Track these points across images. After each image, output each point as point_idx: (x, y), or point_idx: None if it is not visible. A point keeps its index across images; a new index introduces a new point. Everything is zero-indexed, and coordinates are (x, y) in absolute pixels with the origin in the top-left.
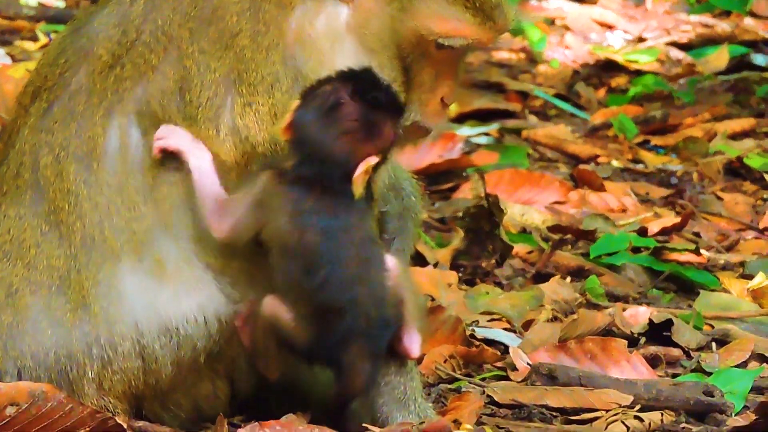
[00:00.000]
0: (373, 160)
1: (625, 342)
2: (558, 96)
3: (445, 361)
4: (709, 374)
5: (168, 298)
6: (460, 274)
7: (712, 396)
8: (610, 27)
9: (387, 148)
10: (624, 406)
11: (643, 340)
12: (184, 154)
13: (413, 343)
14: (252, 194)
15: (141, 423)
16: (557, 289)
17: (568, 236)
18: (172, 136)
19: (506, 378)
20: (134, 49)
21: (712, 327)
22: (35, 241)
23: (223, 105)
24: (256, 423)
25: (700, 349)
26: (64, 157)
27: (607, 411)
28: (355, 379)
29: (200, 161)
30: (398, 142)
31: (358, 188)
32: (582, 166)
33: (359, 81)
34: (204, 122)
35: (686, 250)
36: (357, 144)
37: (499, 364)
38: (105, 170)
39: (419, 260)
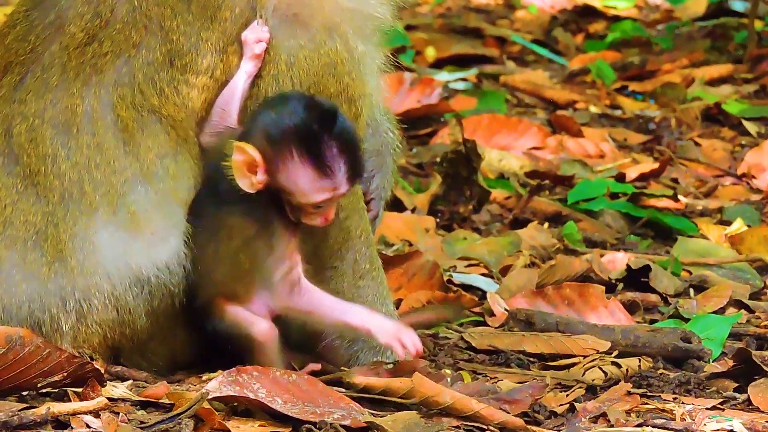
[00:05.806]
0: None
1: (603, 288)
2: (536, 42)
3: (422, 307)
4: (686, 320)
5: (139, 249)
6: (437, 220)
7: (690, 342)
8: None
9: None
10: (601, 352)
11: (620, 286)
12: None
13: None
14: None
15: (119, 368)
16: (535, 234)
17: (546, 182)
18: (251, 44)
19: (484, 324)
20: (111, 27)
21: (690, 273)
22: (11, 200)
23: (214, 68)
24: (234, 368)
25: (677, 295)
26: (39, 125)
27: (584, 357)
28: None
29: (241, 80)
30: None
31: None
32: (560, 112)
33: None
34: (197, 85)
35: (664, 196)
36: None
37: (476, 309)
38: (84, 134)
39: (397, 206)
